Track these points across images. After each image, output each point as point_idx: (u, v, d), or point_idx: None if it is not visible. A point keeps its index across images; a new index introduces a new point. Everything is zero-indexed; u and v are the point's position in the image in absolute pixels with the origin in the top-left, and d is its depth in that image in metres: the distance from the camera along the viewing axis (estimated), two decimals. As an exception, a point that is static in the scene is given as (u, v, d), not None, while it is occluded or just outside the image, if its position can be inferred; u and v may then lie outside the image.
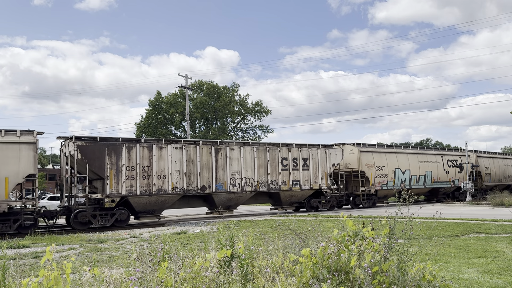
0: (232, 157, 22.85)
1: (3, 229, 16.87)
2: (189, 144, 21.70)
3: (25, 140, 17.20)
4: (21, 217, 17.17)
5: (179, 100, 54.81)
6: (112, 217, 19.41)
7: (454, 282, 6.81)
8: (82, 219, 18.85)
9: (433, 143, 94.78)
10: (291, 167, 24.99)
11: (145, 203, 20.33)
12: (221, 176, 22.40)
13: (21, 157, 17.07)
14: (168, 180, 20.64)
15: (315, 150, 26.15)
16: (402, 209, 5.76)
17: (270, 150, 24.33)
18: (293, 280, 5.02)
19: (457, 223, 16.48)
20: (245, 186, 23.17)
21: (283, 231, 8.90)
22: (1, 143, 16.72)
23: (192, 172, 21.50)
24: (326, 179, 26.36)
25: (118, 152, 19.57)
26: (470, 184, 34.06)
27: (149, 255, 5.48)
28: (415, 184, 31.53)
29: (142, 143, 20.33)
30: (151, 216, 20.85)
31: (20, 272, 6.66)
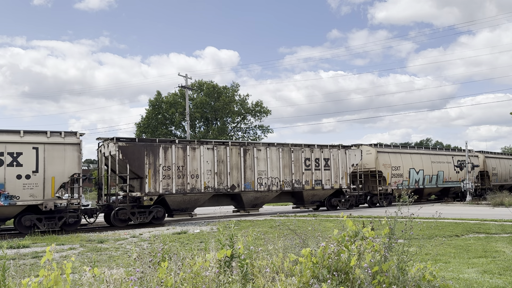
0: (259, 158, 23.76)
1: (49, 226, 17.56)
2: (219, 145, 22.65)
3: (69, 141, 18.04)
4: (66, 215, 17.86)
5: (179, 100, 54.79)
6: (150, 215, 20.19)
7: (454, 282, 6.81)
8: (122, 217, 19.58)
9: (433, 143, 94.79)
10: (314, 167, 25.84)
11: (179, 201, 21.18)
12: (249, 176, 23.29)
13: (66, 157, 17.85)
14: (200, 179, 21.59)
15: (336, 150, 27.04)
16: (402, 209, 5.76)
17: (294, 150, 25.17)
18: (293, 280, 5.02)
19: (457, 223, 16.48)
20: (271, 186, 24.07)
21: (283, 231, 8.89)
22: (47, 144, 17.50)
23: (223, 172, 22.43)
24: (346, 179, 27.23)
25: (155, 152, 20.48)
26: (470, 184, 34.07)
27: (149, 255, 5.48)
28: (428, 184, 32.50)
29: (176, 144, 21.23)
30: (184, 214, 21.68)
31: (20, 272, 6.66)
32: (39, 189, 17.24)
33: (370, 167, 29.61)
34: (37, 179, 17.24)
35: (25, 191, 17.01)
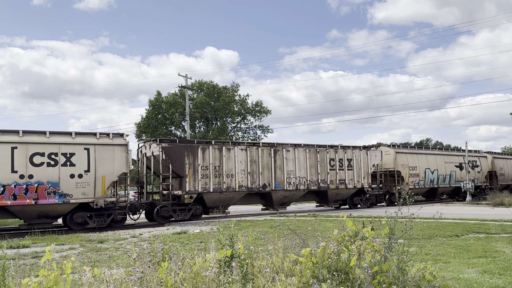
0: (288, 158, 24.82)
1: (98, 223, 18.59)
2: (251, 145, 23.82)
3: (117, 142, 19.03)
4: (114, 212, 18.86)
5: (179, 100, 54.79)
6: (189, 212, 21.44)
7: (454, 282, 6.81)
8: (165, 214, 20.70)
9: (433, 143, 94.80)
10: (338, 167, 27.01)
11: (216, 199, 22.29)
12: (279, 175, 24.38)
13: (115, 157, 18.83)
14: (235, 178, 22.72)
15: (358, 151, 28.08)
16: (402, 209, 5.76)
17: (319, 151, 26.32)
18: (293, 280, 5.02)
19: (457, 223, 16.48)
20: (299, 185, 25.15)
21: (283, 231, 8.89)
22: (98, 145, 18.43)
23: (255, 172, 23.56)
24: (367, 179, 28.37)
25: (194, 153, 21.60)
26: (470, 184, 34.12)
27: (148, 255, 5.48)
28: (442, 183, 33.92)
29: (213, 145, 22.34)
30: (219, 211, 22.38)
31: (20, 272, 6.66)
32: (91, 187, 18.16)
33: (389, 167, 30.92)
34: (89, 178, 18.13)
35: (78, 190, 17.91)
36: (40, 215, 17.82)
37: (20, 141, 17.10)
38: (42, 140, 17.52)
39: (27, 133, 17.45)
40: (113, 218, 18.88)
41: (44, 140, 17.54)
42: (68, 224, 18.26)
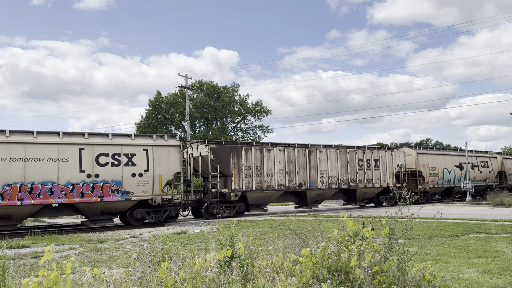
0: (321, 158, 26.24)
1: (155, 219, 19.84)
2: (288, 147, 25.13)
3: (172, 143, 20.43)
4: (170, 209, 20.23)
5: (179, 100, 54.80)
6: (234, 209, 22.85)
7: (454, 282, 6.81)
8: (212, 211, 21.97)
9: (433, 143, 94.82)
10: (365, 167, 28.35)
11: (257, 197, 23.76)
12: (313, 175, 25.78)
13: (170, 158, 20.15)
14: (274, 178, 24.14)
15: (384, 152, 29.61)
16: (402, 210, 5.76)
17: (349, 152, 27.65)
18: (293, 280, 5.02)
19: (457, 223, 16.47)
20: (331, 184, 26.63)
21: (283, 231, 8.89)
22: (155, 146, 19.79)
23: (292, 171, 24.91)
24: (392, 178, 29.83)
25: (239, 153, 23.04)
26: (470, 184, 34.18)
27: (149, 255, 5.48)
28: (457, 183, 35.42)
29: (254, 146, 23.90)
30: (259, 209, 24.16)
31: (20, 272, 6.66)
32: (149, 185, 19.50)
33: (411, 167, 32.42)
34: (148, 177, 19.46)
35: (138, 188, 19.24)
36: (103, 212, 19.01)
37: (87, 143, 18.31)
38: (106, 142, 18.82)
39: (92, 135, 18.88)
40: (168, 214, 20.21)
41: (107, 142, 18.85)
42: (128, 220, 19.54)
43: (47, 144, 17.48)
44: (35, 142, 17.29)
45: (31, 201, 17.00)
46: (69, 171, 17.72)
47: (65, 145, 17.81)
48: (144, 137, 20.12)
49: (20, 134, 17.29)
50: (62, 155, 17.69)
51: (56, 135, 17.97)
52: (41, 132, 17.77)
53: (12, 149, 16.79)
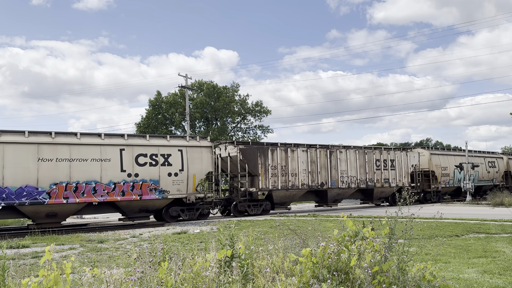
0: (341, 159, 27.31)
1: (189, 216, 21.03)
2: (311, 147, 26.17)
3: (204, 144, 21.44)
4: (202, 207, 21.34)
5: (179, 100, 54.80)
6: (260, 207, 23.97)
7: (454, 282, 6.81)
8: (241, 209, 23.39)
9: (433, 143, 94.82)
10: (382, 167, 29.47)
11: (282, 196, 24.82)
12: (334, 175, 26.89)
13: (202, 158, 21.21)
14: (298, 177, 25.11)
15: (399, 153, 30.71)
16: (402, 209, 5.76)
17: (367, 153, 28.75)
18: (293, 280, 5.02)
19: (457, 223, 16.47)
20: (350, 183, 27.67)
21: (283, 231, 8.89)
22: (189, 147, 20.83)
23: (314, 171, 25.95)
24: (407, 178, 31.03)
25: (265, 154, 24.06)
26: (470, 184, 34.22)
27: (149, 256, 5.47)
28: None
29: (279, 146, 24.77)
30: (282, 207, 25.26)
31: (20, 272, 6.66)
32: (184, 184, 20.53)
33: (424, 168, 33.43)
34: (183, 177, 20.51)
35: (174, 187, 20.27)
36: (141, 209, 20.03)
37: (127, 144, 19.28)
38: (144, 143, 19.81)
39: (131, 136, 19.91)
40: (200, 212, 21.31)
41: (146, 143, 19.84)
42: (164, 217, 20.64)
43: (90, 145, 18.39)
44: (79, 143, 18.20)
45: (76, 199, 17.91)
46: (111, 171, 18.69)
47: (107, 146, 18.77)
48: (178, 138, 21.24)
49: (64, 136, 18.22)
50: (105, 155, 18.64)
51: (98, 136, 19.01)
52: (84, 133, 18.87)
53: (58, 150, 17.64)
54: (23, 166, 17.01)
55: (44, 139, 17.58)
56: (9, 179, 16.73)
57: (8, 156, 16.80)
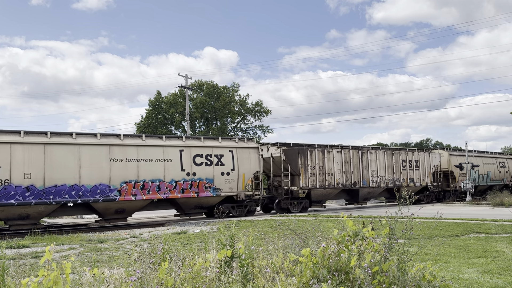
0: (371, 159, 28.76)
1: (239, 213, 22.48)
2: (344, 149, 27.70)
3: (251, 145, 23.22)
4: (250, 204, 22.94)
5: (179, 100, 54.78)
6: (300, 205, 25.31)
7: (454, 282, 6.81)
8: (284, 206, 24.67)
9: (433, 143, 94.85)
10: (408, 167, 30.99)
11: (319, 194, 26.34)
12: (365, 174, 28.30)
13: (251, 158, 22.90)
14: (334, 177, 26.65)
15: (422, 153, 32.40)
16: (402, 209, 5.76)
17: (394, 154, 30.33)
18: (293, 280, 5.02)
19: (457, 223, 16.47)
20: (380, 183, 29.19)
21: (283, 231, 8.89)
22: (238, 148, 22.51)
23: (348, 171, 27.41)
24: (430, 178, 32.63)
25: (305, 155, 25.44)
26: (470, 184, 34.24)
27: (149, 256, 5.47)
28: (482, 182, 38.71)
29: (317, 148, 26.21)
30: (318, 205, 26.97)
31: (20, 272, 6.65)
32: (235, 183, 22.22)
33: (443, 168, 35.14)
34: (234, 176, 22.19)
35: (226, 185, 21.92)
36: (197, 206, 21.59)
37: (185, 145, 20.90)
38: (200, 144, 21.45)
39: (188, 138, 21.70)
40: (248, 209, 22.76)
41: (201, 144, 21.48)
42: (216, 213, 21.50)
43: (154, 146, 20.04)
44: (144, 145, 19.82)
45: (143, 196, 19.44)
46: (172, 170, 20.26)
47: (168, 147, 20.40)
48: (228, 140, 22.96)
49: (131, 138, 20.04)
50: (167, 156, 20.23)
51: (160, 138, 20.75)
52: (148, 135, 20.71)
53: (127, 151, 19.22)
54: (97, 166, 18.43)
55: (114, 140, 19.21)
56: (85, 178, 18.12)
57: (84, 156, 18.18)
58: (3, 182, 16.62)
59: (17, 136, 17.27)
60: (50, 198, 17.39)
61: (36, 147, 17.36)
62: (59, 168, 17.65)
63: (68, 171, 17.80)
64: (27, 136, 17.44)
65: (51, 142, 17.69)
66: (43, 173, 17.33)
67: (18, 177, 16.89)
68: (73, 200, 17.89)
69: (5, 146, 16.82)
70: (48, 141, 17.67)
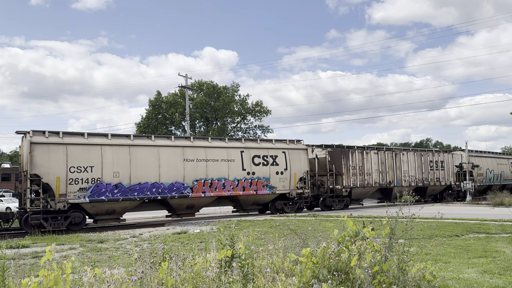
0: (403, 160, 30.65)
1: (291, 209, 24.09)
2: (380, 150, 29.57)
3: (301, 147, 25.23)
4: (300, 201, 24.69)
5: (179, 100, 54.79)
6: (342, 203, 27.19)
7: (454, 282, 6.81)
8: (328, 204, 26.70)
9: (433, 143, 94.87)
10: (434, 168, 32.94)
11: (359, 193, 28.16)
12: (398, 174, 30.20)
13: (301, 159, 24.80)
14: (371, 176, 28.45)
15: (446, 154, 34.48)
16: (403, 209, 5.75)
17: (423, 155, 32.22)
18: (294, 280, 5.02)
19: (457, 223, 16.46)
20: (411, 182, 31.04)
21: (283, 231, 8.89)
22: (290, 149, 24.44)
23: (384, 171, 29.28)
24: (453, 177, 34.55)
25: (347, 156, 27.33)
26: (470, 184, 34.25)
27: (150, 256, 5.47)
28: (495, 181, 40.70)
29: (356, 149, 27.99)
30: (357, 203, 29.07)
31: (20, 272, 6.66)
32: (287, 182, 23.99)
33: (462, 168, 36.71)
34: (287, 175, 23.98)
35: (280, 183, 23.73)
36: (254, 203, 23.47)
37: (245, 147, 22.88)
38: (257, 146, 23.51)
39: (247, 140, 23.87)
40: (298, 205, 24.45)
41: (258, 146, 23.53)
42: (271, 209, 23.89)
43: (219, 148, 22.00)
44: (211, 146, 21.76)
45: (211, 193, 21.38)
46: (235, 170, 22.17)
47: (231, 148, 22.39)
48: (281, 142, 24.74)
49: (200, 140, 22.15)
50: (230, 156, 22.16)
51: (223, 140, 22.85)
52: (213, 138, 22.89)
53: (197, 152, 21.18)
54: (173, 165, 20.35)
55: (186, 142, 21.29)
56: (164, 176, 20.01)
57: (162, 157, 20.08)
58: (96, 180, 18.33)
59: (105, 138, 19.15)
60: (134, 195, 19.16)
61: (122, 148, 19.17)
62: (142, 167, 19.46)
63: (150, 170, 19.63)
64: (114, 139, 19.34)
65: (134, 144, 19.57)
66: (129, 172, 19.15)
67: (109, 176, 18.64)
68: (153, 196, 19.70)
69: (96, 147, 18.53)
70: (132, 143, 19.56)
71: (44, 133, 17.90)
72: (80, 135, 18.79)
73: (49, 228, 17.35)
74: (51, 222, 17.64)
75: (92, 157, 18.29)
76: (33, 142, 17.31)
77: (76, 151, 18.02)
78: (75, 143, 18.10)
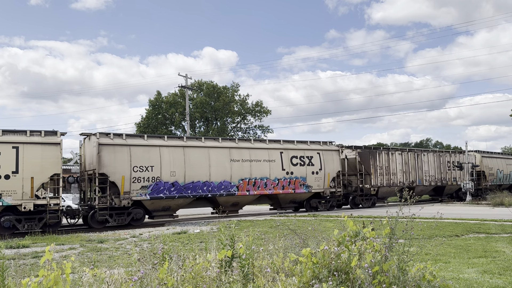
0: (424, 161, 32.30)
1: (324, 208, 25.64)
2: (403, 151, 31.10)
3: (334, 148, 26.78)
4: (332, 200, 26.01)
5: (179, 100, 54.77)
6: (370, 201, 28.56)
7: (454, 282, 6.81)
8: (357, 202, 28.07)
9: (433, 143, 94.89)
10: (452, 168, 34.74)
11: (385, 191, 29.50)
12: (420, 174, 31.83)
13: (334, 159, 26.30)
14: (396, 176, 30.02)
15: (462, 155, 36.10)
16: (403, 209, 5.75)
17: (441, 155, 33.98)
18: (294, 280, 5.02)
19: (457, 223, 16.47)
20: (431, 181, 32.81)
21: (283, 231, 8.89)
22: (323, 150, 25.93)
23: (407, 171, 30.87)
24: (469, 177, 35.82)
25: (374, 156, 28.88)
26: (470, 184, 34.28)
27: (152, 257, 5.47)
28: (505, 181, 42.39)
29: (382, 150, 29.62)
30: (381, 201, 30.44)
31: (20, 272, 6.66)
32: (322, 181, 25.53)
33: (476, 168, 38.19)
34: (321, 175, 25.52)
35: (315, 183, 25.24)
36: (291, 201, 24.91)
37: (283, 148, 24.37)
38: (294, 147, 24.87)
39: (285, 142, 24.98)
40: (331, 204, 25.87)
41: (295, 147, 24.90)
42: (306, 207, 25.40)
43: (261, 149, 23.54)
44: (254, 147, 23.36)
45: (254, 192, 22.84)
46: (275, 169, 23.67)
47: (271, 149, 23.87)
48: (315, 143, 26.14)
49: (243, 141, 23.90)
50: (271, 157, 23.70)
51: (263, 142, 24.77)
52: (256, 139, 25.60)
53: (242, 152, 22.77)
54: (222, 165, 21.87)
55: (232, 144, 22.83)
56: (213, 175, 21.55)
57: (212, 157, 21.60)
58: (155, 179, 19.82)
59: (162, 140, 20.75)
60: (188, 193, 20.74)
61: (177, 149, 20.71)
62: (194, 167, 21.01)
63: (201, 170, 21.18)
64: (169, 140, 20.96)
65: (187, 145, 21.11)
66: (184, 171, 20.68)
67: (166, 175, 20.18)
68: (204, 194, 21.21)
69: (155, 149, 20.10)
70: (185, 144, 21.12)
71: (109, 135, 19.42)
72: (140, 137, 20.51)
73: (113, 223, 18.92)
74: (115, 218, 19.03)
75: (152, 157, 19.78)
76: (101, 143, 18.70)
77: (138, 151, 19.55)
78: (137, 144, 19.70)
